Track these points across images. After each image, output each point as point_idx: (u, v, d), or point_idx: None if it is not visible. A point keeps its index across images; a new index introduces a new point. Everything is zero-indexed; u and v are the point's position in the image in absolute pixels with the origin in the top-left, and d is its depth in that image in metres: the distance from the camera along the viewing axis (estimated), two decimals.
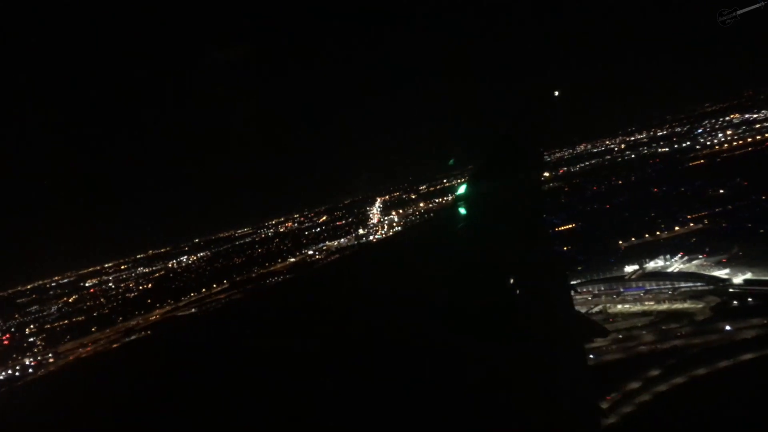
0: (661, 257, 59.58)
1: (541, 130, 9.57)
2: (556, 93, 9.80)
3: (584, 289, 56.26)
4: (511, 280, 5.02)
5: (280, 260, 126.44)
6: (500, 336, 3.84)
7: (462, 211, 7.84)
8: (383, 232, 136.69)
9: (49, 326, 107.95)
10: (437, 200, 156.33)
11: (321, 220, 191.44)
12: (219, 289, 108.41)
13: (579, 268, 61.27)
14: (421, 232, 9.54)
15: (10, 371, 77.27)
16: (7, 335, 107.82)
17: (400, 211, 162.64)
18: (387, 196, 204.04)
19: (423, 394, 3.14)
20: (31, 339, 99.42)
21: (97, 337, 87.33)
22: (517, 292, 4.86)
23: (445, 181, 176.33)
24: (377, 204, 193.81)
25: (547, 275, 5.45)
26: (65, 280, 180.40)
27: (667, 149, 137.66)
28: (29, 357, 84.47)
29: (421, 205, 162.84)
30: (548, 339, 4.04)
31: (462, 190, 8.66)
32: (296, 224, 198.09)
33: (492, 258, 5.45)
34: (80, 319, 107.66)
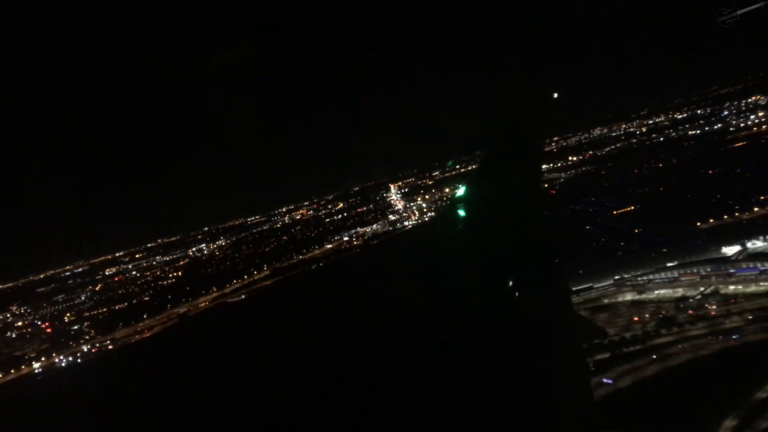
0: (760, 238, 58.35)
1: (540, 131, 9.69)
2: (555, 95, 9.82)
3: (689, 271, 55.55)
4: (510, 282, 5.06)
5: (317, 246, 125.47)
6: (499, 336, 3.89)
7: (461, 212, 7.92)
8: (416, 217, 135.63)
9: (88, 314, 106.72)
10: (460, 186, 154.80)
11: (338, 207, 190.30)
12: (262, 275, 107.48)
13: (664, 250, 60.55)
14: (420, 234, 9.69)
15: (71, 358, 76.21)
16: (47, 323, 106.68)
17: (427, 196, 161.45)
18: (400, 183, 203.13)
19: (423, 393, 3.18)
20: (75, 327, 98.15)
21: (151, 323, 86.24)
22: (517, 293, 4.89)
23: (458, 167, 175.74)
24: (394, 190, 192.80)
25: (547, 276, 5.50)
26: (79, 270, 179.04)
27: (698, 131, 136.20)
28: (85, 344, 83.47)
29: (447, 190, 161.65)
30: (547, 339, 4.06)
31: (461, 191, 8.79)
32: (311, 211, 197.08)
33: (491, 259, 5.54)
34: (122, 306, 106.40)
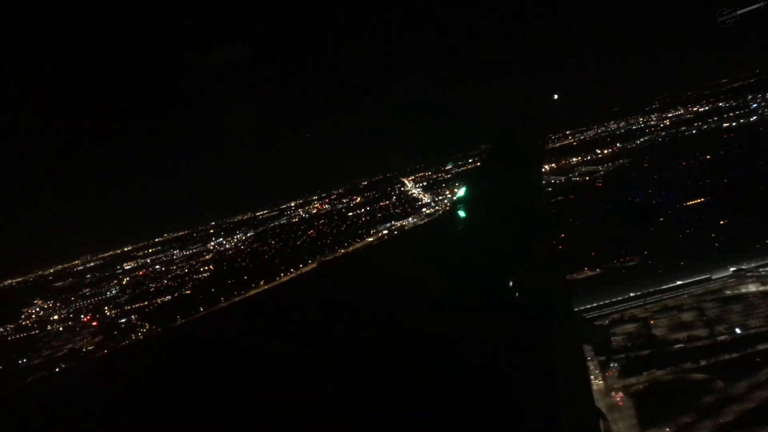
0: None
1: (540, 133, 9.57)
2: (555, 96, 9.63)
3: None
4: (510, 283, 4.97)
5: (357, 240, 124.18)
6: (499, 337, 3.86)
7: (461, 213, 7.82)
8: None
9: (129, 307, 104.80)
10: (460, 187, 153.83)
11: (356, 201, 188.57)
12: (309, 269, 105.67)
13: (767, 241, 59.30)
14: (420, 235, 9.59)
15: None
16: (88, 317, 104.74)
17: (454, 189, 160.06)
18: (413, 177, 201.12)
19: (420, 393, 3.18)
20: (123, 320, 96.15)
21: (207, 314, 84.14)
22: (516, 294, 4.79)
23: (470, 160, 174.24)
24: (410, 183, 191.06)
25: (546, 278, 5.38)
26: (92, 264, 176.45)
27: (732, 124, 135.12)
28: (143, 336, 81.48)
29: None
30: (547, 339, 4.02)
31: (461, 192, 8.68)
32: (327, 206, 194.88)
33: (491, 260, 5.48)
34: (164, 299, 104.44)
